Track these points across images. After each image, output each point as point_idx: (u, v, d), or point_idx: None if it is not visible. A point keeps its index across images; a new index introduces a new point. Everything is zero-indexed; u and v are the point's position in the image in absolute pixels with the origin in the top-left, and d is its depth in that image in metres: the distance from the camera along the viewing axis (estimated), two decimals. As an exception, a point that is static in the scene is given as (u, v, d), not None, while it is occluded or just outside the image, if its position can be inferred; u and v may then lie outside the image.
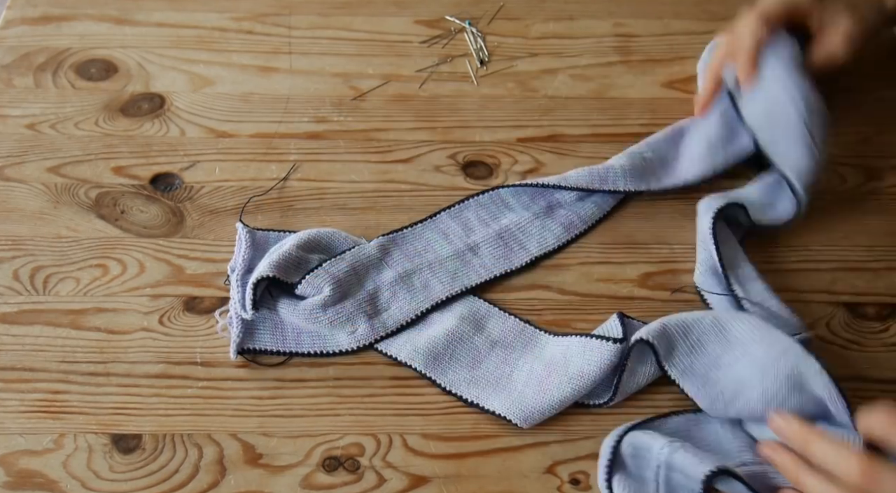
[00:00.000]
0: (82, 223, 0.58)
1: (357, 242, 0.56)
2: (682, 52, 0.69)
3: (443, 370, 0.52)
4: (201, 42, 0.69)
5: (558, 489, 0.49)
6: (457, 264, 0.57)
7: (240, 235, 0.56)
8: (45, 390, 0.51)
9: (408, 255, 0.57)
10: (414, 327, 0.54)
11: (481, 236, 0.58)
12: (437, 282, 0.56)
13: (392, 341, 0.53)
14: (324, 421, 0.51)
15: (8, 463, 0.49)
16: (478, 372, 0.52)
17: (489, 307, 0.55)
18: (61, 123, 0.63)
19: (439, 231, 0.58)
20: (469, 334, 0.53)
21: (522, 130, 0.64)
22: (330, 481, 0.49)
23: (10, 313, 0.54)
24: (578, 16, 0.72)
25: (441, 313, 0.55)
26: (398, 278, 0.55)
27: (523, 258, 0.57)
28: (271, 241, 0.57)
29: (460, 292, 0.55)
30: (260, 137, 0.63)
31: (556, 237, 0.58)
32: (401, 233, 0.58)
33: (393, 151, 0.63)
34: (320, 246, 0.55)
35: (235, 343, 0.52)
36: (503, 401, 0.51)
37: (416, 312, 0.54)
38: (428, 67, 0.68)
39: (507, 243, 0.58)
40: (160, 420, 0.51)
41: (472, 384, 0.52)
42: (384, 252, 0.56)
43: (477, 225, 0.59)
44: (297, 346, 0.53)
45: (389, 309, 0.54)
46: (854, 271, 0.58)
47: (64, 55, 0.68)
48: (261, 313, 0.53)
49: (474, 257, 0.57)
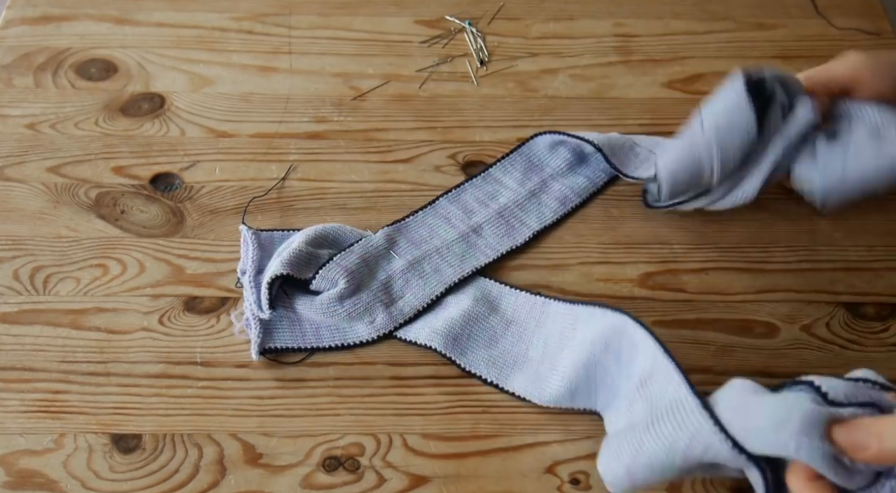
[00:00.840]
0: (82, 223, 0.58)
1: (363, 234, 0.57)
2: (682, 52, 0.69)
3: (462, 351, 0.53)
4: (201, 42, 0.69)
5: (558, 489, 0.49)
6: (463, 247, 0.58)
7: (245, 238, 0.56)
8: (45, 390, 0.51)
9: (414, 242, 0.57)
10: (430, 312, 0.55)
11: (483, 217, 0.59)
12: (446, 266, 0.56)
13: (410, 327, 0.54)
14: (324, 421, 0.51)
15: (8, 463, 0.49)
16: (495, 351, 0.53)
17: (500, 287, 0.56)
18: (61, 123, 0.63)
19: (441, 216, 0.59)
20: (484, 315, 0.54)
21: (522, 130, 0.64)
22: (330, 481, 0.49)
23: (11, 313, 0.54)
24: (578, 16, 0.72)
25: (455, 296, 0.56)
26: (409, 266, 0.56)
27: (525, 234, 0.58)
28: (276, 240, 0.57)
29: (471, 273, 0.56)
30: (260, 137, 0.63)
31: (553, 211, 0.60)
32: (404, 222, 0.58)
33: (393, 151, 0.63)
34: (328, 241, 0.56)
35: (256, 344, 0.52)
36: (522, 381, 0.52)
37: (431, 296, 0.55)
38: (428, 67, 0.68)
39: (508, 221, 0.59)
40: (160, 420, 0.51)
41: (491, 364, 0.53)
42: (391, 242, 0.57)
43: (476, 206, 0.60)
44: (318, 341, 0.53)
45: (405, 297, 0.55)
46: (854, 271, 0.58)
47: (64, 55, 0.68)
48: (277, 311, 0.54)
49: (479, 238, 0.58)
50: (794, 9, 0.72)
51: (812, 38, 0.70)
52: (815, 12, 0.72)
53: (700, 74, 0.68)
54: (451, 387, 0.52)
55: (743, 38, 0.69)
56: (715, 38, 0.70)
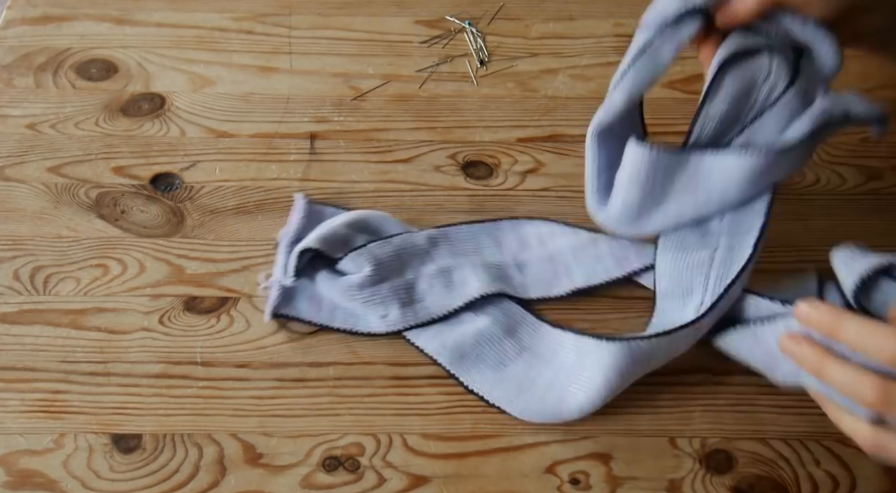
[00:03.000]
0: (82, 223, 0.58)
1: (408, 229, 0.57)
2: (682, 53, 0.69)
3: (467, 369, 0.52)
4: (201, 42, 0.69)
5: (558, 488, 0.49)
6: (498, 274, 0.56)
7: (296, 205, 0.57)
8: (45, 389, 0.51)
9: (455, 252, 0.57)
10: (445, 322, 0.54)
11: (534, 255, 0.57)
12: (475, 281, 0.55)
13: (421, 331, 0.54)
14: (324, 421, 0.51)
15: (8, 463, 0.49)
16: (503, 375, 0.52)
17: (524, 313, 0.55)
18: (61, 123, 0.64)
19: (494, 238, 0.57)
20: (499, 337, 0.53)
21: (522, 130, 0.64)
22: (330, 481, 0.49)
23: (11, 313, 0.54)
24: (578, 16, 0.72)
25: (475, 313, 0.54)
26: (438, 272, 0.55)
27: (565, 287, 0.55)
28: (327, 214, 0.57)
29: (495, 294, 0.54)
30: (260, 137, 0.63)
31: (606, 270, 0.56)
32: (454, 228, 0.57)
33: (393, 151, 0.63)
34: (370, 228, 0.56)
35: (271, 307, 0.53)
36: (524, 406, 0.51)
37: (449, 308, 0.54)
38: (428, 67, 0.68)
39: (555, 268, 0.56)
40: (160, 420, 0.51)
41: (496, 386, 0.51)
42: (433, 245, 0.56)
43: (534, 242, 0.57)
44: (330, 320, 0.54)
45: (424, 301, 0.54)
46: (854, 271, 0.58)
47: (64, 55, 0.68)
48: (301, 282, 0.54)
49: (518, 273, 0.56)
50: (794, 9, 0.72)
51: (812, 38, 0.70)
52: (815, 12, 0.72)
53: (700, 74, 0.68)
54: (451, 387, 0.52)
55: (743, 39, 0.69)
56: (715, 38, 0.70)
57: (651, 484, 0.49)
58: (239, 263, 0.57)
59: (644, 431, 0.51)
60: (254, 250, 0.58)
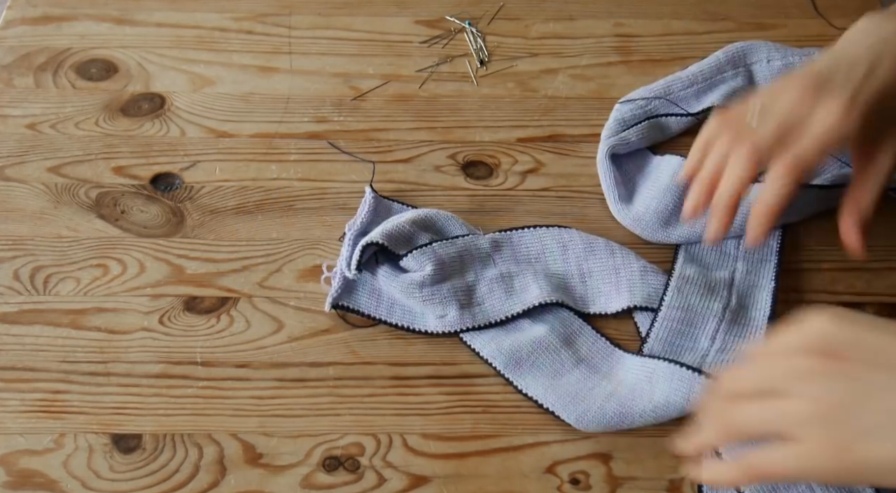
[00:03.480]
0: (82, 223, 0.58)
1: (473, 231, 0.57)
2: (682, 53, 0.69)
3: (521, 375, 0.52)
4: (201, 42, 0.69)
5: (558, 488, 0.49)
6: (560, 282, 0.55)
7: (366, 198, 0.57)
8: (45, 389, 0.52)
9: (517, 257, 0.56)
10: (502, 327, 0.54)
11: (598, 265, 0.56)
12: (536, 288, 0.54)
13: (478, 334, 0.54)
14: (324, 421, 0.51)
15: (8, 463, 0.49)
16: (558, 382, 0.52)
17: (582, 324, 0.54)
18: (61, 123, 0.64)
19: (560, 243, 0.57)
20: (556, 347, 0.53)
21: (522, 130, 0.64)
22: (330, 481, 0.49)
23: (11, 313, 0.54)
24: (578, 16, 0.72)
25: (533, 320, 0.54)
26: (500, 277, 0.55)
27: (624, 303, 0.54)
28: (394, 210, 0.58)
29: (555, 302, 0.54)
30: (260, 137, 0.63)
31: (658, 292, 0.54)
32: (518, 232, 0.57)
33: (393, 151, 0.63)
34: (434, 227, 0.56)
35: (332, 297, 0.54)
36: (580, 414, 0.50)
37: (508, 314, 0.54)
38: (428, 67, 0.68)
39: (617, 282, 0.55)
40: (160, 420, 0.51)
41: (551, 392, 0.51)
42: (496, 249, 0.56)
43: (603, 250, 0.56)
44: (389, 315, 0.54)
45: (483, 304, 0.54)
46: (854, 271, 0.58)
47: (64, 55, 0.68)
48: (363, 275, 0.54)
49: (579, 283, 0.56)
50: (793, 9, 0.72)
51: (811, 38, 0.70)
52: (815, 12, 0.72)
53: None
54: (451, 387, 0.52)
55: (743, 39, 0.69)
56: (715, 38, 0.70)
57: (651, 484, 0.49)
58: (239, 263, 0.57)
59: (644, 431, 0.51)
60: (254, 250, 0.58)
